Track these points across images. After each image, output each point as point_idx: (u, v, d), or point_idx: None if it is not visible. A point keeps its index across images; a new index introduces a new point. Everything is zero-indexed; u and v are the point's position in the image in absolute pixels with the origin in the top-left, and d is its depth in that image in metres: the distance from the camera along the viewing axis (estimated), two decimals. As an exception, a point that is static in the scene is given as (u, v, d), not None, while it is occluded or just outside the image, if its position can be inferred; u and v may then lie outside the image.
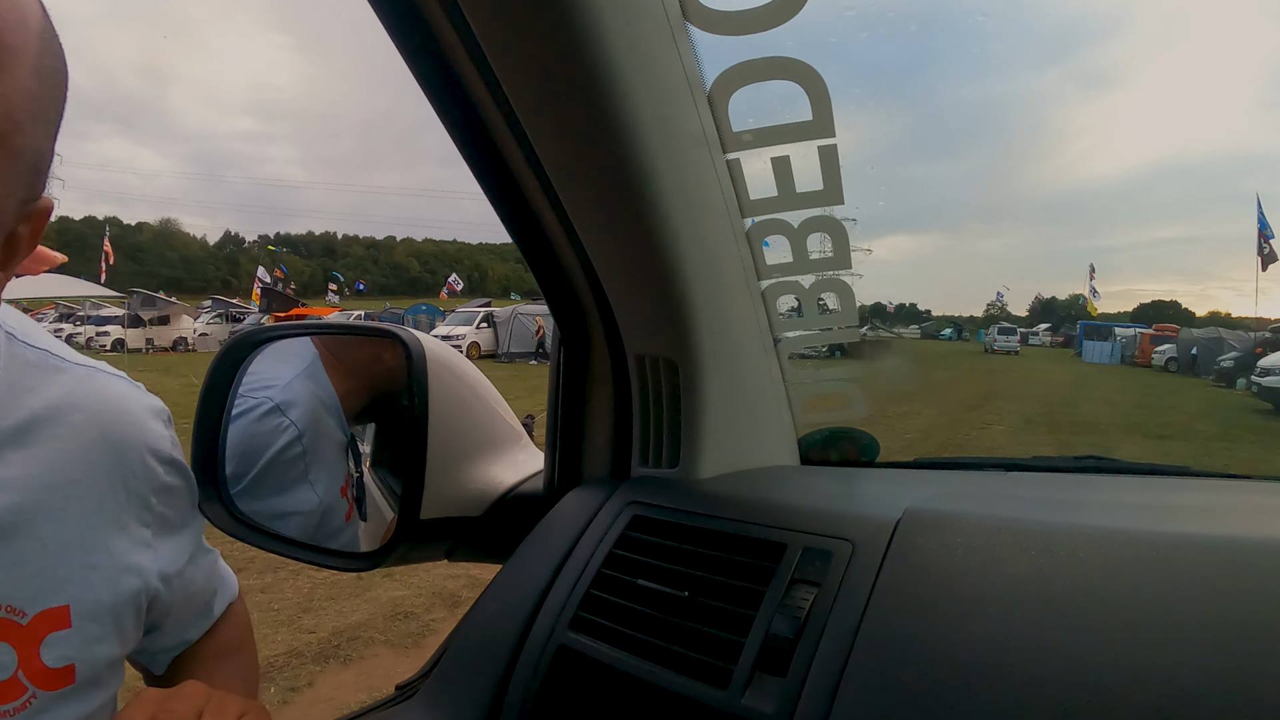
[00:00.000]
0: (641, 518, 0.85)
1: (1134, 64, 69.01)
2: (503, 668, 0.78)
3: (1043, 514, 0.74)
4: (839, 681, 0.60)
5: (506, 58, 0.70)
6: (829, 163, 0.86)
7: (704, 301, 0.87)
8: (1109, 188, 54.47)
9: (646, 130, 0.73)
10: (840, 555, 0.69)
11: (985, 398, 13.21)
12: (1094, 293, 11.24)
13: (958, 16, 0.92)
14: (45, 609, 0.81)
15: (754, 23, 0.76)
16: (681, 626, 0.71)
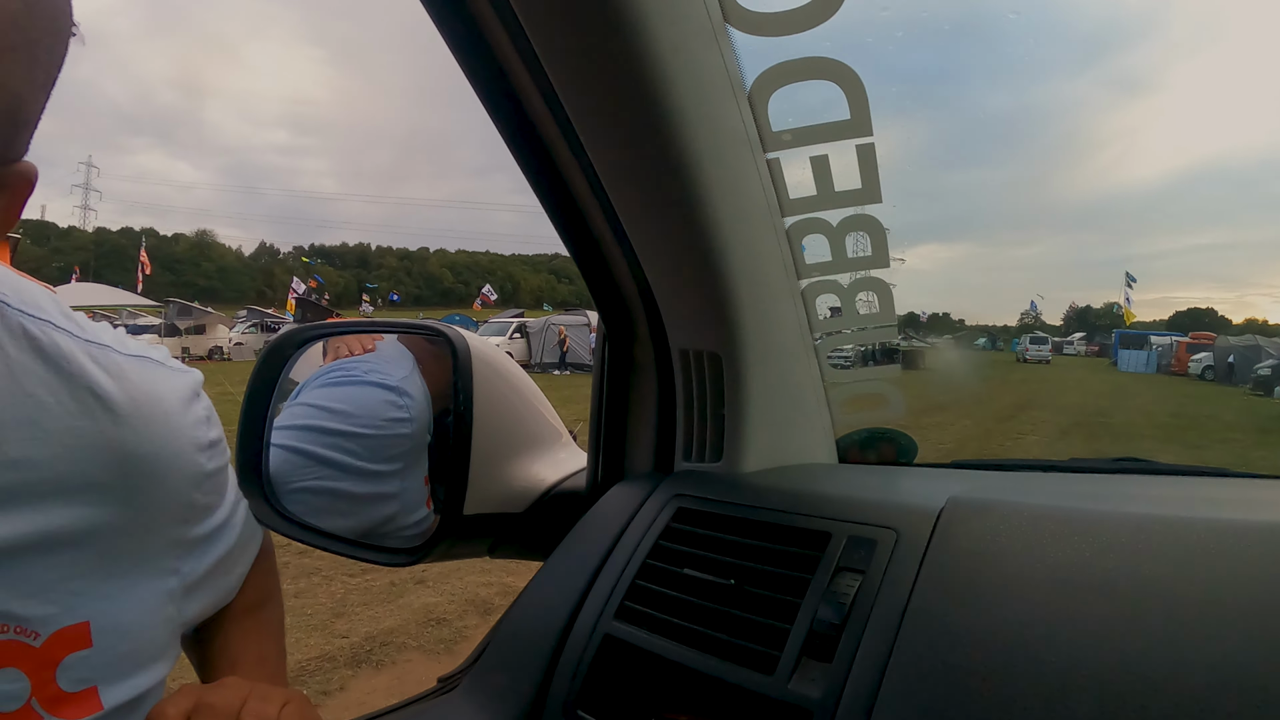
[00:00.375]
0: (687, 509, 0.86)
1: (1167, 67, 67.87)
2: (548, 657, 0.79)
3: (1083, 505, 0.74)
4: (885, 666, 0.60)
5: (559, 62, 0.73)
6: (867, 161, 0.87)
7: (747, 297, 0.88)
8: (1143, 194, 53.59)
9: (693, 130, 0.75)
10: (885, 543, 0.70)
11: (1020, 407, 13.07)
12: (1129, 300, 11.10)
13: (989, 21, 0.93)
14: (65, 626, 0.73)
15: (792, 24, 0.77)
16: (727, 614, 0.72)
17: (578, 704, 0.74)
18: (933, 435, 2.26)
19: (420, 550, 1.00)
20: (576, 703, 0.74)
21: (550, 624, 0.82)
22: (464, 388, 0.93)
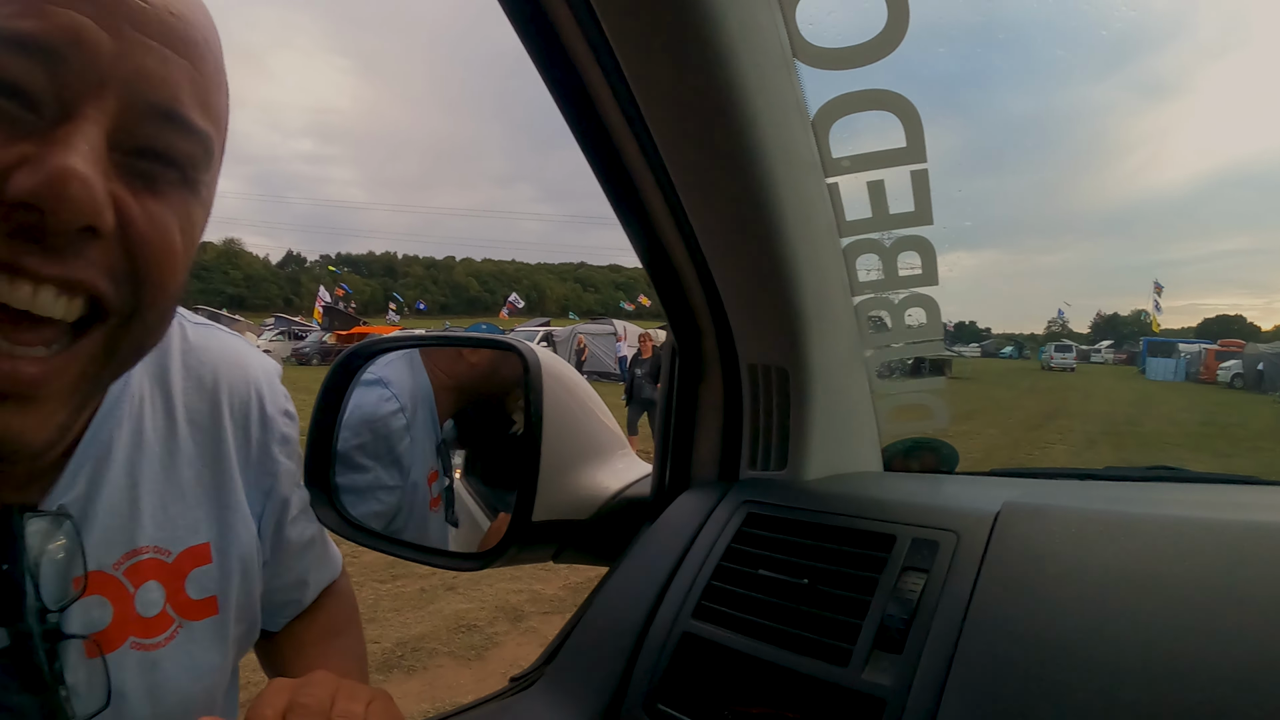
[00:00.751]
0: (756, 514, 0.91)
1: (1194, 70, 66.89)
2: (627, 655, 0.84)
3: (1126, 508, 0.80)
4: (952, 657, 0.65)
5: (648, 88, 0.79)
6: (920, 186, 0.92)
7: (814, 315, 0.94)
8: (1170, 199, 53.31)
9: (772, 157, 0.81)
10: (946, 545, 0.76)
11: (1048, 416, 12.96)
12: (1158, 307, 11.05)
13: (1012, 29, 0.97)
14: (188, 547, 0.91)
15: (853, 59, 0.82)
16: (801, 612, 0.77)
17: (659, 698, 0.78)
18: (959, 444, 2.28)
19: (488, 555, 1.04)
20: (657, 696, 0.78)
21: (628, 623, 0.86)
22: (534, 400, 0.97)
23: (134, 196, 0.65)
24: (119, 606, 0.84)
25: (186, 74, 0.67)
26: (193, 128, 0.68)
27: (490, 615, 6.05)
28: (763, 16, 0.76)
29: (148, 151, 0.66)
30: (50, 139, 0.59)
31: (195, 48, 0.68)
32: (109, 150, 0.63)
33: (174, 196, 0.69)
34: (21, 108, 0.59)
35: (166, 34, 0.65)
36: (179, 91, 0.66)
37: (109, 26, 0.61)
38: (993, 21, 0.95)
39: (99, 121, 0.61)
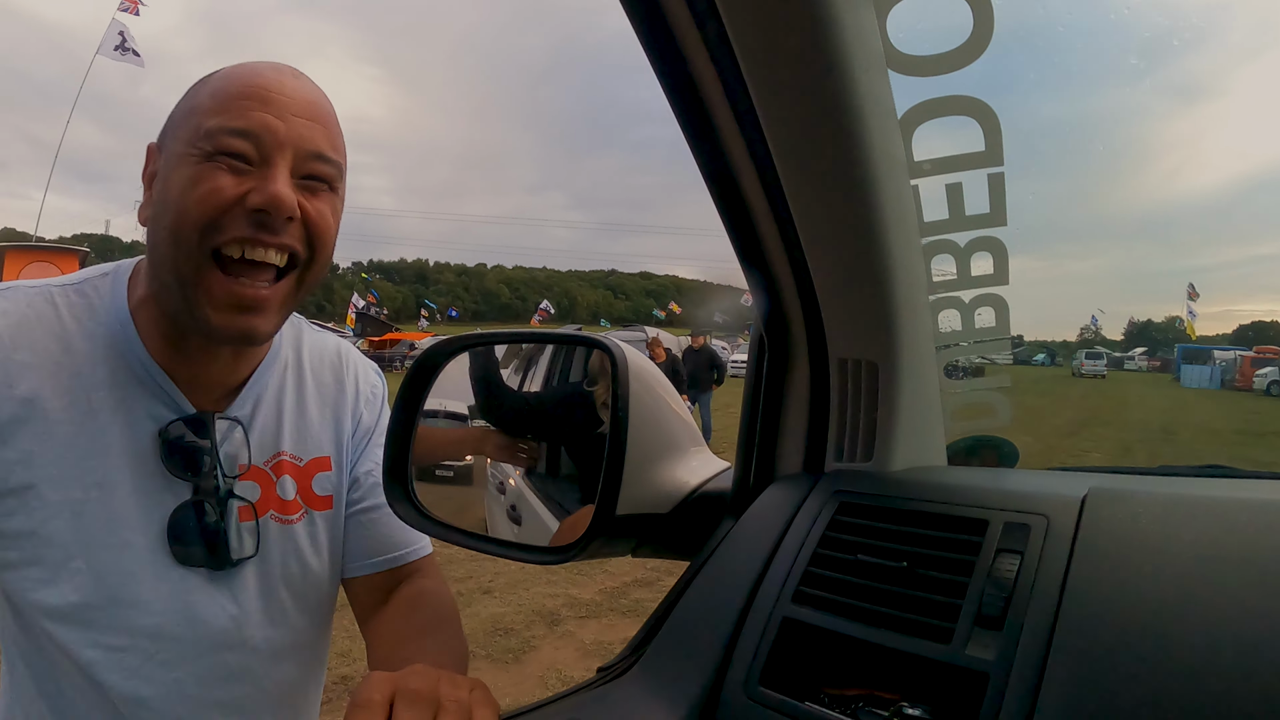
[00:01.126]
0: (849, 504, 0.94)
1: (1227, 72, 65.53)
2: (725, 640, 0.86)
3: (1199, 492, 0.85)
4: (1051, 632, 0.68)
5: (768, 97, 0.82)
6: (996, 189, 0.95)
7: (904, 311, 0.98)
8: (1204, 203, 52.63)
9: (875, 158, 0.85)
10: (1038, 528, 0.78)
11: (1082, 424, 12.83)
12: (1191, 314, 10.85)
13: (1040, 31, 1.00)
14: (314, 457, 1.33)
15: (941, 66, 0.86)
16: (901, 594, 0.80)
17: (762, 679, 0.81)
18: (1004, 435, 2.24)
19: (571, 549, 1.07)
20: (761, 678, 0.81)
21: (726, 610, 0.89)
22: (622, 395, 1.00)
23: (307, 200, 1.10)
24: (265, 490, 1.25)
25: (322, 132, 1.12)
26: (330, 160, 1.13)
27: (526, 619, 6.09)
28: (867, 22, 0.80)
29: (310, 175, 1.11)
30: (264, 176, 1.06)
31: (324, 116, 1.13)
32: (292, 178, 1.08)
33: (326, 197, 1.14)
34: (245, 164, 1.06)
35: (310, 113, 1.11)
36: (320, 143, 1.11)
37: (281, 116, 1.07)
38: (1022, 26, 0.97)
39: (285, 165, 1.07)
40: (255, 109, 1.05)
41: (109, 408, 1.11)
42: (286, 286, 1.12)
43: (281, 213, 1.05)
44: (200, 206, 1.03)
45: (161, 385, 1.15)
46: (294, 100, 1.08)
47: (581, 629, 5.93)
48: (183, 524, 1.14)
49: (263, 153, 1.05)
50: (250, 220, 1.05)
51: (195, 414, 1.16)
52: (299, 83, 1.12)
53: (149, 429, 1.14)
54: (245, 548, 1.21)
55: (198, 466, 1.15)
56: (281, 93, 1.08)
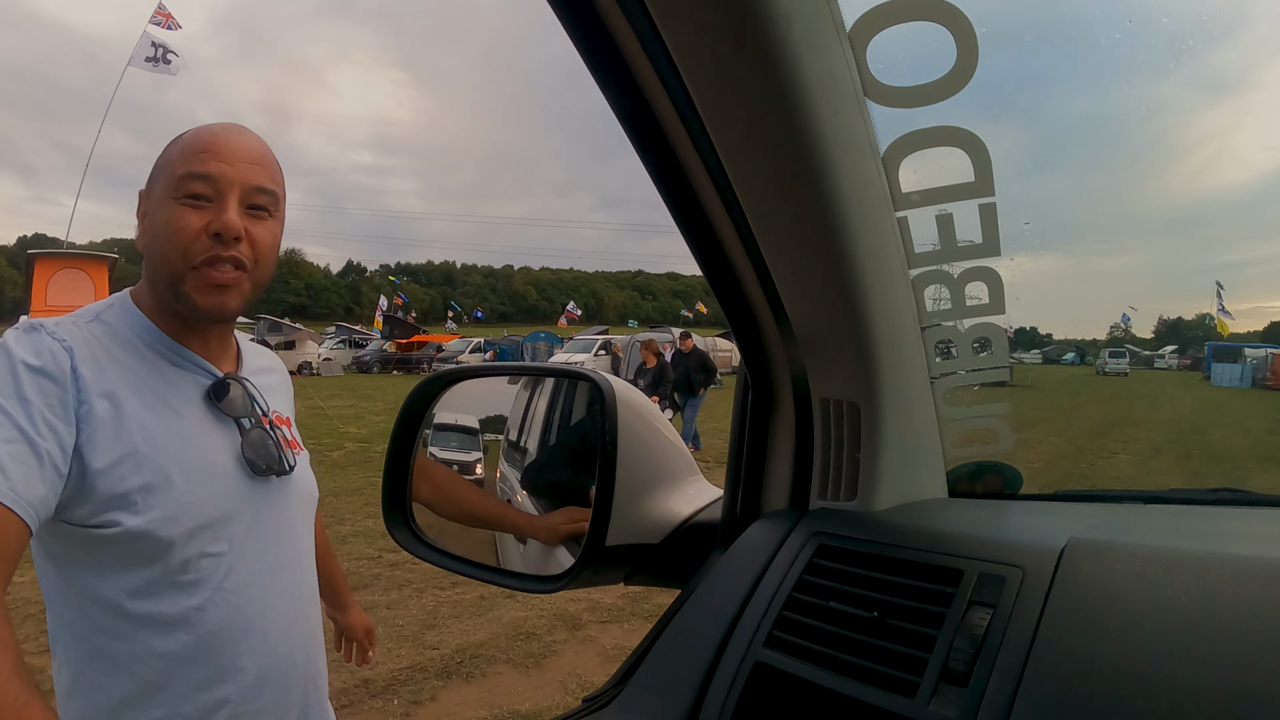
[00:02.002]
0: (828, 546, 0.93)
1: (1257, 65, 64.34)
2: (699, 680, 0.86)
3: (1190, 544, 0.81)
4: (1015, 692, 0.67)
5: (730, 140, 0.81)
6: (988, 219, 0.93)
7: (886, 348, 0.96)
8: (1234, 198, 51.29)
9: (846, 195, 0.83)
10: (1012, 580, 0.77)
11: (1111, 424, 12.68)
12: (1223, 311, 10.60)
13: (1072, 28, 0.98)
14: (288, 415, 1.72)
15: (923, 97, 0.84)
16: (870, 644, 0.79)
17: None
18: (1020, 454, 2.25)
19: (562, 578, 1.07)
20: None
21: (702, 650, 0.88)
22: (610, 429, 1.00)
23: (252, 224, 1.44)
24: (281, 431, 1.60)
25: (262, 171, 1.46)
26: (268, 191, 1.47)
27: (549, 623, 6.08)
28: (837, 61, 0.78)
29: (254, 205, 1.45)
30: (220, 210, 1.40)
31: (263, 160, 1.49)
32: (239, 208, 1.42)
33: (266, 221, 1.48)
34: (206, 201, 1.41)
35: (251, 158, 1.46)
36: (260, 179, 1.45)
37: (230, 163, 1.42)
38: (1050, 22, 0.95)
39: (234, 199, 1.42)
40: (211, 160, 1.42)
41: (163, 385, 1.45)
42: (246, 282, 1.47)
43: (230, 234, 1.41)
44: (179, 236, 1.40)
45: (192, 360, 1.51)
46: (239, 150, 1.46)
47: (603, 634, 5.93)
48: (253, 441, 1.52)
49: (218, 191, 1.42)
50: (211, 242, 1.40)
51: (226, 375, 1.54)
52: (243, 138, 1.49)
53: (197, 390, 1.50)
54: (290, 460, 1.59)
55: (239, 407, 1.53)
56: (230, 146, 1.45)
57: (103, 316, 1.47)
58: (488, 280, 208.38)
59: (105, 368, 1.38)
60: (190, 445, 1.43)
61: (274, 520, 1.55)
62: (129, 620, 1.37)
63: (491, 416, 1.47)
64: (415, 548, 1.23)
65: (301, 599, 1.60)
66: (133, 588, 1.37)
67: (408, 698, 4.81)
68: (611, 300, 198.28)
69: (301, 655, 1.58)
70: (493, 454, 1.44)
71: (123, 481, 1.33)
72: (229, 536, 1.45)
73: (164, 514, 1.36)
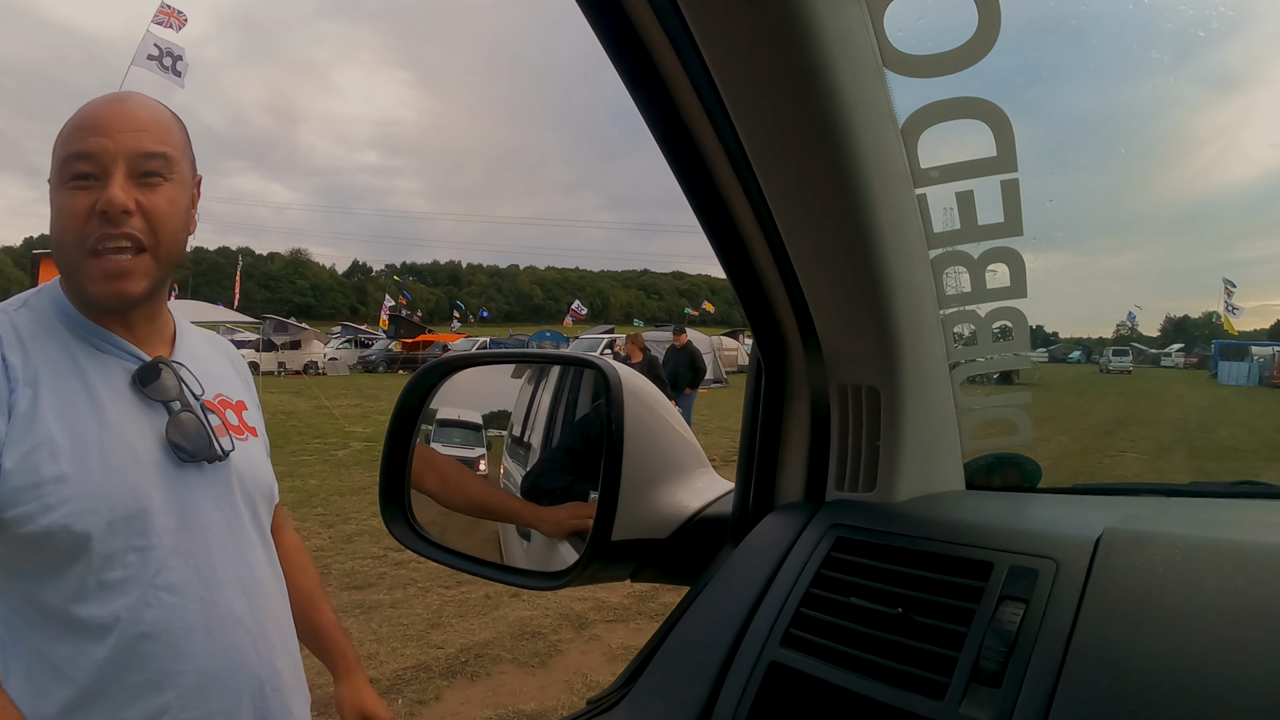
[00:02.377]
0: (846, 539, 0.88)
1: (1262, 60, 64.20)
2: (711, 682, 0.81)
3: (1225, 534, 0.77)
4: (1053, 691, 0.63)
5: (745, 109, 0.77)
6: (1010, 196, 0.89)
7: (907, 333, 0.91)
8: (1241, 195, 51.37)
9: (868, 169, 0.78)
10: (1046, 573, 0.72)
11: (1118, 423, 12.65)
12: (1229, 309, 10.56)
13: (1076, 24, 0.94)
14: (239, 399, 1.65)
15: (944, 66, 0.79)
16: (894, 643, 0.74)
17: None
18: (1028, 452, 2.19)
19: (567, 574, 1.03)
20: None
21: (714, 649, 0.84)
22: (616, 418, 0.96)
23: (144, 195, 1.38)
24: (222, 416, 1.56)
25: (146, 136, 1.40)
26: (156, 154, 1.40)
27: (554, 623, 6.07)
28: (856, 23, 0.73)
29: (144, 173, 1.39)
30: (105, 186, 1.35)
31: (147, 123, 1.42)
32: (128, 179, 1.37)
33: (161, 186, 1.41)
34: (93, 180, 1.36)
35: (132, 125, 1.39)
36: (145, 144, 1.39)
37: (108, 135, 1.36)
38: (1054, 18, 0.92)
39: (120, 172, 1.36)
40: (89, 136, 1.37)
41: (87, 371, 1.40)
42: (146, 261, 1.40)
43: (115, 209, 1.34)
44: (70, 221, 1.37)
45: (117, 344, 1.46)
46: (117, 120, 1.39)
47: (609, 633, 5.91)
48: (179, 425, 1.44)
49: (101, 167, 1.36)
50: (100, 221, 1.35)
51: (154, 359, 1.48)
52: (124, 105, 1.44)
53: (123, 375, 1.44)
54: (225, 446, 1.51)
55: (169, 391, 1.46)
56: (108, 117, 1.40)
57: (30, 303, 1.46)
58: (493, 280, 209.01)
59: (30, 355, 1.37)
60: (110, 432, 1.38)
61: (209, 512, 1.48)
62: (65, 624, 1.34)
63: (495, 412, 1.44)
64: (414, 543, 1.20)
65: (249, 594, 1.51)
66: (65, 590, 1.33)
67: (412, 697, 4.80)
68: (617, 299, 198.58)
69: (251, 655, 1.48)
70: (496, 450, 1.40)
71: (36, 472, 1.30)
72: (156, 529, 1.39)
73: (81, 506, 1.32)
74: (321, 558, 7.50)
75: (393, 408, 1.24)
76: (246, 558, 1.53)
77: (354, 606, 6.23)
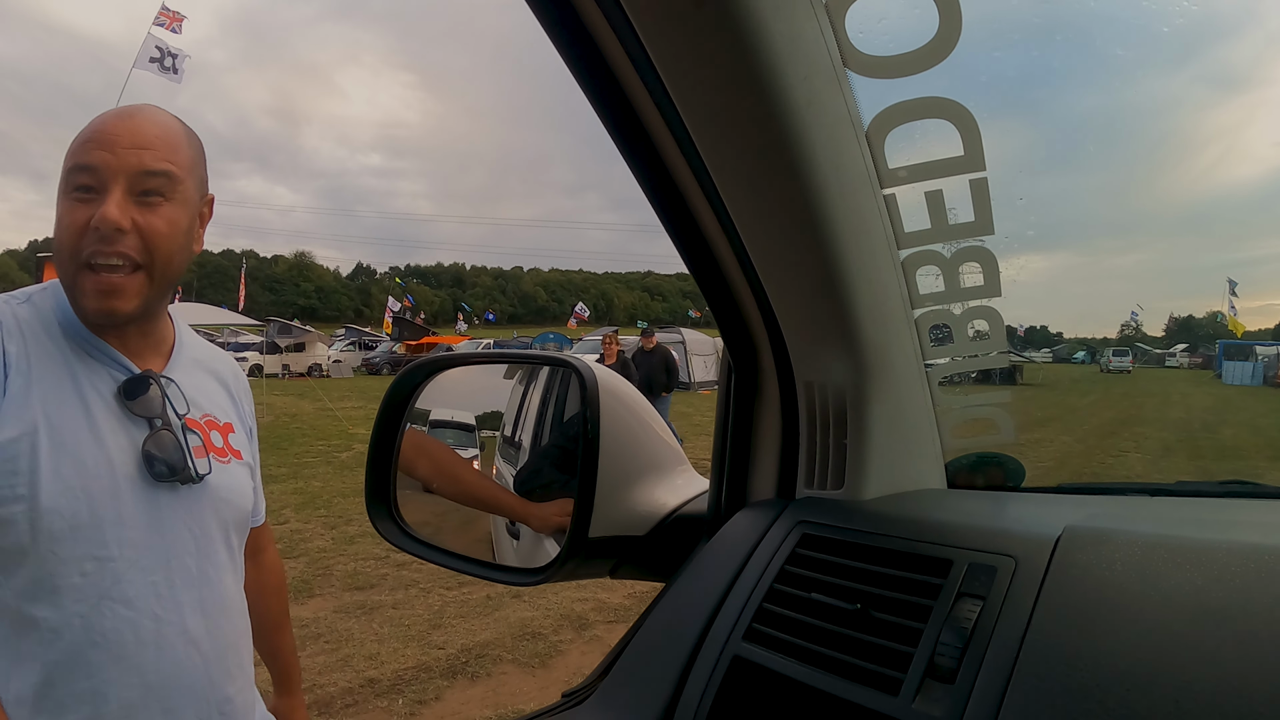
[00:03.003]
0: (811, 536, 0.89)
1: (1268, 59, 63.05)
2: (677, 675, 0.82)
3: (1194, 532, 0.78)
4: (1006, 687, 0.63)
5: (696, 111, 0.77)
6: (980, 195, 0.90)
7: (871, 331, 0.92)
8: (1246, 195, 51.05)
9: (823, 171, 0.79)
10: (1004, 570, 0.73)
11: (1122, 423, 12.62)
12: (1234, 309, 10.44)
13: (1081, 25, 0.95)
14: (227, 421, 1.63)
15: (906, 67, 0.80)
16: (853, 638, 0.75)
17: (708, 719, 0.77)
18: (1030, 453, 2.21)
19: (545, 570, 1.04)
20: (708, 718, 0.77)
21: (680, 643, 0.85)
22: (592, 417, 0.97)
23: (141, 214, 1.37)
24: (204, 437, 1.54)
25: (149, 154, 1.38)
26: (158, 173, 1.39)
27: (555, 623, 6.08)
28: (808, 27, 0.74)
29: (144, 191, 1.38)
30: (103, 201, 1.33)
31: (153, 141, 1.40)
32: (127, 196, 1.36)
33: (161, 207, 1.39)
34: (93, 193, 1.35)
35: (137, 142, 1.37)
36: (146, 162, 1.37)
37: (112, 150, 1.35)
38: (1055, 19, 0.92)
39: (119, 189, 1.35)
40: (94, 149, 1.37)
41: (78, 376, 1.41)
42: (140, 279, 1.40)
43: (106, 227, 1.34)
44: (67, 233, 1.37)
45: (108, 354, 1.45)
46: (124, 135, 1.38)
47: (610, 633, 5.91)
48: (157, 442, 1.44)
49: (101, 182, 1.36)
50: (95, 236, 1.34)
51: (143, 373, 1.47)
52: (132, 120, 1.42)
53: (110, 385, 1.44)
54: (202, 469, 1.49)
55: (152, 407, 1.46)
56: (115, 132, 1.39)
57: (33, 299, 1.47)
58: (497, 282, 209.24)
59: (28, 347, 1.38)
60: (90, 438, 1.38)
61: (178, 531, 1.47)
62: (17, 621, 1.34)
63: (488, 413, 1.45)
64: (400, 540, 1.21)
65: (208, 616, 1.49)
66: (18, 586, 1.33)
67: (413, 697, 4.81)
68: (621, 301, 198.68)
69: (202, 678, 1.47)
70: (489, 450, 1.41)
71: (13, 461, 1.31)
72: (119, 541, 1.39)
73: (47, 504, 1.32)
74: (324, 559, 7.52)
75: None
76: (211, 579, 1.52)
77: (356, 607, 6.25)
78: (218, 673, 1.51)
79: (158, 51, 16.61)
